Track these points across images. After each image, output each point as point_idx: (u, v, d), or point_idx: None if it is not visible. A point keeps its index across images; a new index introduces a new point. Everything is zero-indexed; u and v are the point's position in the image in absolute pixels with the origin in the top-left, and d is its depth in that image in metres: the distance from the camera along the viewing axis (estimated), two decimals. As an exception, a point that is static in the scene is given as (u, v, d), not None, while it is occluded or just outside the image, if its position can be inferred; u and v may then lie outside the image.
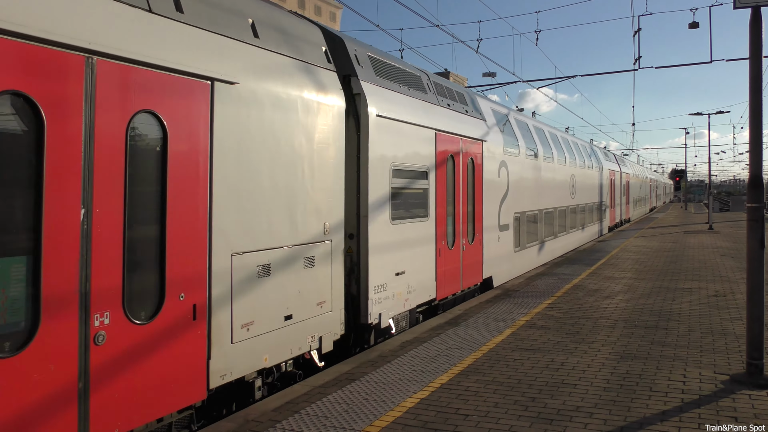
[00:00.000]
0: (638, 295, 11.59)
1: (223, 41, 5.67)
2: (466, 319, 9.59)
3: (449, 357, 7.43)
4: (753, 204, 6.57)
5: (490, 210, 12.54)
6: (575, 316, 9.73)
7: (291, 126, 6.56)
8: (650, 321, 9.26)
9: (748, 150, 6.73)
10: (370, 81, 8.40)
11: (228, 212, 5.60)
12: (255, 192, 5.99)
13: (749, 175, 6.73)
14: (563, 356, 7.39)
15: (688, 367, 6.88)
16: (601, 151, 31.15)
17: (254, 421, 5.42)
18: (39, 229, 3.99)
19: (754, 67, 6.57)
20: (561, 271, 15.06)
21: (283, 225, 6.40)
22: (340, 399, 5.98)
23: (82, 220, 4.26)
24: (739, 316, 9.44)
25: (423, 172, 9.45)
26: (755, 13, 6.55)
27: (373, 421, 5.39)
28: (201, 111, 5.29)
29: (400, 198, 8.78)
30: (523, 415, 5.49)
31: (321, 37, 7.71)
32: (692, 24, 20.85)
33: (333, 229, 7.30)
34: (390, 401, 5.90)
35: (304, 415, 5.56)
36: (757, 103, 6.56)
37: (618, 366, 6.96)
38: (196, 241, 5.24)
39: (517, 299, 11.25)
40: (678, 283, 13.04)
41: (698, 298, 11.13)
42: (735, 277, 13.70)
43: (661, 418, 5.36)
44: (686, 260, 17.23)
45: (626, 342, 8.02)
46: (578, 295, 11.59)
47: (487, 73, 23.99)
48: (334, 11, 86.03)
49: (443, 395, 6.06)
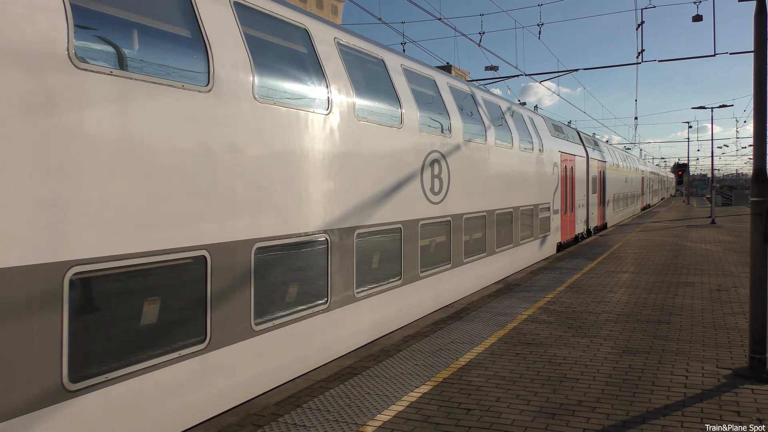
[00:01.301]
0: (640, 289, 11.57)
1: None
2: (468, 313, 9.58)
3: (451, 351, 7.43)
4: (757, 198, 6.54)
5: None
6: (577, 310, 9.72)
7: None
8: (652, 315, 9.25)
9: (752, 143, 6.69)
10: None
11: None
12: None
13: (753, 168, 6.69)
14: (565, 351, 7.38)
15: (690, 362, 6.87)
16: (548, 124, 18.95)
17: (256, 414, 5.43)
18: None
19: (758, 60, 6.52)
20: (563, 265, 15.04)
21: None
22: (342, 393, 5.98)
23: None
24: (741, 311, 9.42)
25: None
26: (760, 6, 6.50)
27: (375, 416, 5.39)
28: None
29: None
30: (525, 410, 5.48)
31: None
32: (696, 17, 20.74)
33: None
34: (392, 395, 5.90)
35: (306, 408, 5.56)
36: (762, 96, 6.51)
37: (620, 360, 6.95)
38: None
39: (519, 293, 11.24)
40: (680, 277, 13.01)
41: (701, 293, 11.10)
42: (737, 272, 13.67)
43: (663, 413, 5.35)
44: (688, 254, 17.19)
45: (628, 336, 8.01)
46: (580, 289, 11.57)
47: (489, 66, 23.90)
48: (336, 4, 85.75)
49: (445, 389, 6.06)
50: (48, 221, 4.07)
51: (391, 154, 8.66)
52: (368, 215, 8.00)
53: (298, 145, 6.61)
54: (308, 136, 6.77)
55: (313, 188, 6.88)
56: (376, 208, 8.21)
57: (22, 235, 3.92)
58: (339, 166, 7.35)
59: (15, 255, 3.88)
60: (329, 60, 7.50)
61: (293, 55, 7.22)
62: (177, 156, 5.06)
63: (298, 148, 6.62)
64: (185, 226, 5.11)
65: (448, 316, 9.39)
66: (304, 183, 6.72)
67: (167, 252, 4.93)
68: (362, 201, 7.88)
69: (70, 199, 4.20)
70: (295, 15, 7.21)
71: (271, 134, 6.20)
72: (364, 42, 8.85)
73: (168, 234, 4.94)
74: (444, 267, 10.38)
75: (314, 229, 6.87)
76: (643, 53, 21.86)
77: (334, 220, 7.24)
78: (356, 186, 7.74)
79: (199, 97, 5.30)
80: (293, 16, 7.14)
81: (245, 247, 5.81)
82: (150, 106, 4.80)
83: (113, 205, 4.51)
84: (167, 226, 4.95)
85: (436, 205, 10.03)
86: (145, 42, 5.11)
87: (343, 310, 7.46)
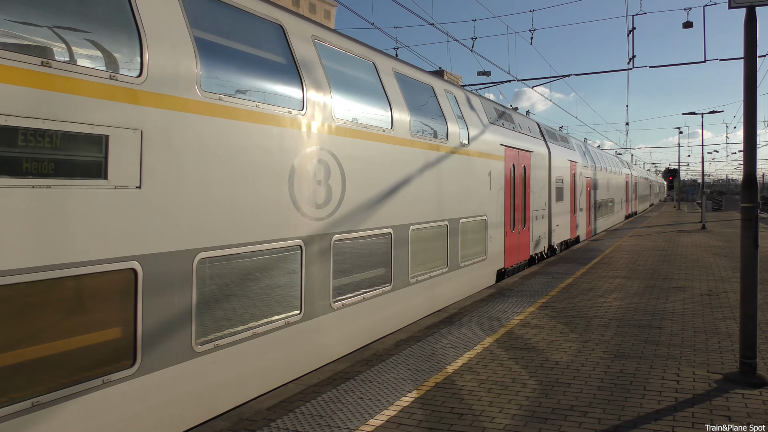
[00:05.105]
0: (632, 294, 11.62)
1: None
2: (461, 317, 9.59)
3: (444, 356, 7.42)
4: (747, 203, 6.58)
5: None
6: (569, 315, 9.74)
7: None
8: (644, 320, 9.28)
9: (743, 149, 6.74)
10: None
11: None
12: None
13: (743, 174, 6.74)
14: (558, 355, 7.39)
15: (681, 367, 6.90)
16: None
17: (248, 419, 5.40)
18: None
19: (748, 66, 6.58)
20: (555, 270, 15.08)
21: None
22: (334, 398, 5.96)
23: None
24: (732, 316, 9.48)
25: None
26: (750, 13, 6.56)
27: (367, 420, 5.37)
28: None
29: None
30: (517, 414, 5.48)
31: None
32: (686, 23, 20.92)
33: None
34: (385, 400, 5.89)
35: (298, 413, 5.54)
36: (752, 102, 6.57)
37: (612, 365, 6.97)
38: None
39: (512, 298, 11.26)
40: (671, 282, 13.07)
41: (691, 297, 11.16)
42: (728, 276, 13.76)
43: (655, 417, 5.37)
44: (679, 259, 17.28)
45: (620, 341, 8.03)
46: (572, 294, 11.60)
47: (481, 71, 23.98)
48: (329, 9, 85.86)
49: (438, 394, 6.05)
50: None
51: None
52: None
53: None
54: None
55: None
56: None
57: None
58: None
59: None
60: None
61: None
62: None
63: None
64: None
65: (441, 320, 9.39)
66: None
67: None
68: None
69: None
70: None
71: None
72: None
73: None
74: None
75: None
76: (635, 59, 22.03)
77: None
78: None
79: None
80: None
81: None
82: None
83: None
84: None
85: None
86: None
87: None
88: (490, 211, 13.06)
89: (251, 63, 6.70)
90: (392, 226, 8.92)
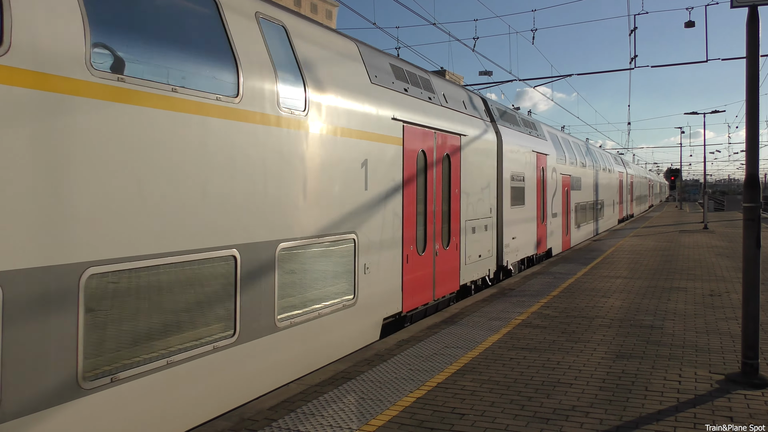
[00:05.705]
0: (634, 294, 11.61)
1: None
2: (463, 317, 9.59)
3: (445, 356, 7.42)
4: (749, 203, 6.57)
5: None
6: (571, 315, 9.73)
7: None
8: (646, 320, 9.27)
9: (745, 149, 6.72)
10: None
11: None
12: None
13: (746, 174, 6.73)
14: (559, 355, 7.39)
15: (683, 367, 6.89)
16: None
17: (250, 419, 5.40)
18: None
19: (751, 66, 6.57)
20: (557, 270, 15.07)
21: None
22: (336, 398, 5.96)
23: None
24: (734, 316, 9.46)
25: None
26: (752, 13, 6.54)
27: (369, 420, 5.37)
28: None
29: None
30: (519, 415, 5.48)
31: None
32: (688, 23, 20.87)
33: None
34: (386, 400, 5.89)
35: (300, 413, 5.54)
36: (754, 102, 6.55)
37: (614, 365, 6.96)
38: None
39: (513, 298, 11.26)
40: (673, 282, 13.06)
41: (693, 298, 11.15)
42: (730, 277, 13.74)
43: (656, 418, 5.36)
44: (681, 259, 17.26)
45: (622, 341, 8.02)
46: (574, 294, 11.60)
47: (483, 71, 23.96)
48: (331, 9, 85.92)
49: (439, 394, 6.05)
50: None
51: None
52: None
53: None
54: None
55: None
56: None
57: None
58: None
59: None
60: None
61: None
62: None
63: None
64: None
65: (443, 320, 9.39)
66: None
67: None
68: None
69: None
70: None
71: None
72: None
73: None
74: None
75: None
76: (636, 59, 22.02)
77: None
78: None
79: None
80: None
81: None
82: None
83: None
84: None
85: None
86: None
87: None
88: (368, 227, 8.28)
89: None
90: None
